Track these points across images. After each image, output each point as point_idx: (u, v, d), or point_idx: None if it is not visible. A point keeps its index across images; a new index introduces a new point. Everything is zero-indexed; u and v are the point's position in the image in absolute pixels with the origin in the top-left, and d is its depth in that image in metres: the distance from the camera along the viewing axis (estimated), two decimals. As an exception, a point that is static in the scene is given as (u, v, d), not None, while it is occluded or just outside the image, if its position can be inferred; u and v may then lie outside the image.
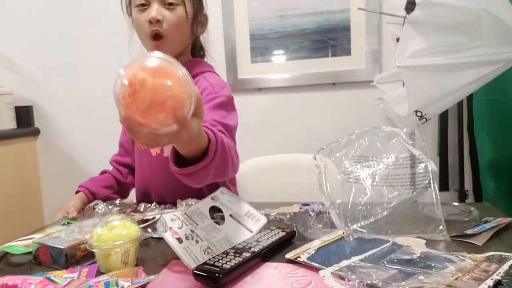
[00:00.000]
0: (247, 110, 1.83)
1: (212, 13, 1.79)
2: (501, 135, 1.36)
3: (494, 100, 1.36)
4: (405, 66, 0.98)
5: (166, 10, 0.92)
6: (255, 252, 0.63)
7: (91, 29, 1.89)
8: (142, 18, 0.93)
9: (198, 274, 0.57)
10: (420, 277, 0.53)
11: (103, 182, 1.11)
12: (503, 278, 0.52)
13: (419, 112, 1.04)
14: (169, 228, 0.66)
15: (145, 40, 0.97)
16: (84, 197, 1.05)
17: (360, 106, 1.71)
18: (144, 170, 1.07)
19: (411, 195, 0.74)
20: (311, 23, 1.72)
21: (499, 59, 0.97)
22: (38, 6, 1.92)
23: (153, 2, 0.92)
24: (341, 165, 0.79)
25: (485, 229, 0.71)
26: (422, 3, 0.95)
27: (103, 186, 1.10)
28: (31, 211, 1.92)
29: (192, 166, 0.63)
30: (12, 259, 0.73)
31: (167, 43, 0.93)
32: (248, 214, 0.78)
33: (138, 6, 0.94)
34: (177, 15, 0.93)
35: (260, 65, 1.78)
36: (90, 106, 1.93)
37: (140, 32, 0.97)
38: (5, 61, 1.96)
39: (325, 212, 0.77)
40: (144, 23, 0.93)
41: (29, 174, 1.94)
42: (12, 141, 1.86)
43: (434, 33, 0.97)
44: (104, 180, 1.12)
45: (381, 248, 0.65)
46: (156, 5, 0.91)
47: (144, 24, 0.93)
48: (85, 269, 0.64)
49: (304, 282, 0.56)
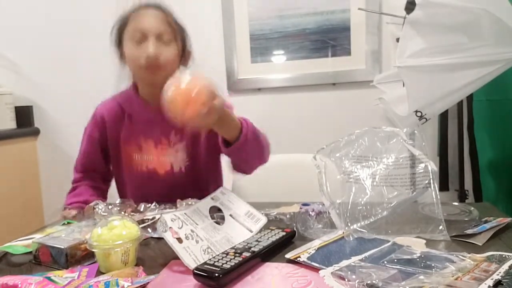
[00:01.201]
0: (247, 110, 1.82)
1: (212, 13, 1.80)
2: (501, 135, 1.36)
3: (494, 100, 1.36)
4: (405, 66, 0.98)
5: (162, 45, 0.98)
6: (255, 252, 0.63)
7: (91, 29, 1.89)
8: (138, 52, 0.97)
9: (198, 274, 0.57)
10: (420, 277, 0.53)
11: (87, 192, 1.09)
12: (503, 278, 0.52)
13: (419, 112, 1.04)
14: (169, 228, 0.66)
15: (138, 71, 1.02)
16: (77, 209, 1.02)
17: (360, 106, 1.71)
18: (148, 189, 1.05)
19: (411, 195, 0.74)
20: (311, 23, 1.72)
21: (499, 59, 0.97)
22: (38, 6, 1.92)
23: (150, 38, 0.97)
24: (341, 165, 0.79)
25: (485, 229, 0.71)
26: (422, 3, 0.95)
27: (90, 194, 1.08)
28: (31, 211, 1.92)
29: (234, 144, 0.88)
30: (12, 259, 0.73)
31: (161, 73, 0.97)
32: (248, 214, 0.78)
33: (134, 40, 0.98)
34: (171, 51, 1.01)
35: (260, 65, 1.78)
36: (90, 106, 1.92)
37: (134, 63, 1.01)
38: (5, 61, 1.96)
39: (325, 212, 0.78)
40: (140, 56, 0.97)
41: (29, 174, 1.94)
42: (12, 141, 1.86)
43: (434, 33, 0.97)
44: (83, 192, 1.09)
45: (381, 248, 0.65)
46: (153, 41, 0.97)
47: (140, 57, 0.97)
48: (85, 269, 0.64)
49: (304, 282, 0.56)
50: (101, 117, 1.11)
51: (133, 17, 1.00)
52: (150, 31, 0.97)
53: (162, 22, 0.99)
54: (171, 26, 1.01)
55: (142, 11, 1.00)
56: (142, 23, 0.98)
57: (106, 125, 1.10)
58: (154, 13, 1.00)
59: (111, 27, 1.06)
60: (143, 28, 0.97)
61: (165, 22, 1.00)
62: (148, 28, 0.97)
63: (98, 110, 1.14)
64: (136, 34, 0.98)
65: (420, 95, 1.02)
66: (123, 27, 1.02)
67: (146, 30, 0.97)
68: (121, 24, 1.02)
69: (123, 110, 1.08)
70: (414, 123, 1.06)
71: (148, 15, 0.99)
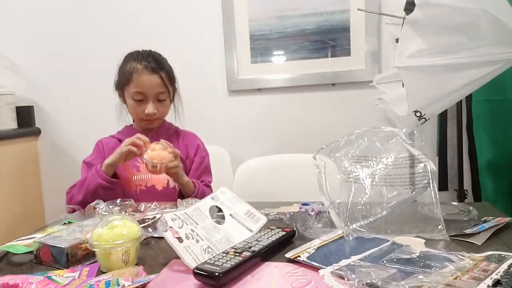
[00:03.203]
0: (247, 110, 1.84)
1: (212, 13, 1.80)
2: (500, 135, 1.36)
3: (493, 100, 1.36)
4: (405, 66, 0.98)
5: (158, 103, 1.19)
6: (255, 251, 0.63)
7: (92, 29, 1.89)
8: (139, 108, 1.18)
9: (199, 273, 0.57)
10: (420, 276, 0.53)
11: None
12: (502, 278, 0.52)
13: (418, 112, 1.04)
14: (169, 227, 0.66)
15: (137, 120, 1.25)
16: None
17: (360, 106, 1.72)
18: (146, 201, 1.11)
19: (411, 195, 0.74)
20: (311, 23, 1.72)
21: (498, 59, 0.97)
22: (39, 6, 1.92)
23: (149, 99, 1.17)
24: (341, 165, 0.79)
25: (484, 229, 0.71)
26: (421, 3, 0.95)
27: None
28: (32, 210, 1.92)
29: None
30: (13, 258, 0.74)
31: (156, 123, 1.24)
32: (248, 213, 0.78)
33: (135, 99, 1.18)
34: (165, 106, 1.23)
35: (260, 65, 1.78)
36: (90, 106, 1.93)
37: (135, 115, 1.23)
38: (6, 61, 1.96)
39: (325, 212, 0.78)
40: (141, 112, 1.18)
41: (30, 174, 1.94)
42: (13, 141, 1.86)
43: (433, 33, 0.97)
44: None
45: (381, 247, 0.66)
46: (152, 102, 1.17)
47: (141, 113, 1.18)
48: (86, 268, 0.64)
49: (304, 281, 0.57)
50: (101, 144, 1.25)
51: (135, 78, 1.16)
52: (150, 95, 1.17)
53: (159, 86, 1.17)
54: (166, 88, 1.19)
55: (144, 76, 1.16)
56: (142, 87, 1.16)
57: (104, 151, 1.22)
58: (153, 79, 1.16)
59: (115, 70, 1.24)
60: (143, 92, 1.16)
61: (162, 86, 1.18)
62: (148, 93, 1.17)
63: (98, 141, 1.27)
64: (137, 96, 1.17)
65: (419, 95, 1.02)
66: (126, 83, 1.18)
67: (146, 94, 1.17)
68: (125, 80, 1.18)
69: (120, 141, 1.16)
70: (413, 123, 1.06)
71: (148, 81, 1.16)
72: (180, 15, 1.83)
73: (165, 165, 1.03)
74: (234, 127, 1.84)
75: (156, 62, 1.18)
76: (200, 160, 1.27)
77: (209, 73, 1.82)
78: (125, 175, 1.18)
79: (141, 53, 1.20)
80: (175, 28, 1.82)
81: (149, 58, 1.18)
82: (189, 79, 1.28)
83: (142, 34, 1.83)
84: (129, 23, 1.85)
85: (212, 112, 1.84)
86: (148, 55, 1.19)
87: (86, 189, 1.07)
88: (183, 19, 1.82)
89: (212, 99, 1.83)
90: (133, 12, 1.85)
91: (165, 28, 1.83)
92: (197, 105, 1.78)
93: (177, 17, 1.82)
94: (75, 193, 1.10)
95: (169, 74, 1.21)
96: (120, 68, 1.22)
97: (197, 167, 1.26)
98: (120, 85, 1.21)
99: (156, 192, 1.18)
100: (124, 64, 1.20)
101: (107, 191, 1.06)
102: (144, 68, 1.16)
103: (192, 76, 1.67)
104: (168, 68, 1.21)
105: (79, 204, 1.04)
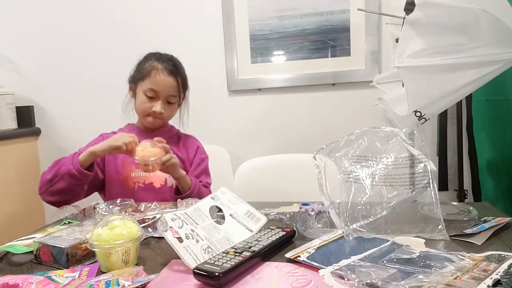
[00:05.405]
0: (247, 110, 1.84)
1: (212, 13, 1.80)
2: (499, 135, 1.36)
3: (493, 100, 1.36)
4: (405, 66, 0.98)
5: (167, 105, 1.22)
6: (255, 251, 0.63)
7: (92, 29, 1.89)
8: (148, 105, 1.20)
9: (199, 273, 0.57)
10: (420, 276, 0.53)
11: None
12: (502, 278, 0.52)
13: (418, 112, 1.04)
14: (169, 227, 0.66)
15: (143, 116, 1.25)
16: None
17: (360, 106, 1.72)
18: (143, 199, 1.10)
19: (411, 195, 0.74)
20: (310, 23, 1.72)
21: (498, 59, 0.97)
22: (39, 6, 1.92)
23: (160, 98, 1.20)
24: (341, 165, 0.79)
25: (484, 229, 0.71)
26: (421, 3, 0.95)
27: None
28: (32, 210, 1.92)
29: (182, 194, 1.13)
30: (13, 258, 0.74)
31: (159, 123, 1.26)
32: (248, 213, 0.79)
33: (147, 95, 1.20)
34: (173, 110, 1.26)
35: (260, 65, 1.78)
36: (90, 106, 1.93)
37: (142, 111, 1.23)
38: (6, 61, 1.96)
39: (325, 212, 0.78)
40: (149, 108, 1.20)
41: (30, 174, 1.94)
42: (13, 141, 1.86)
43: (433, 33, 0.97)
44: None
45: (381, 247, 0.66)
46: (162, 102, 1.21)
47: (148, 109, 1.20)
48: (86, 268, 0.64)
49: (304, 281, 0.57)
50: (101, 138, 1.23)
51: (153, 75, 1.19)
52: (162, 95, 1.20)
53: (173, 90, 1.21)
54: (179, 93, 1.23)
55: (161, 76, 1.20)
56: (157, 86, 1.19)
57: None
58: (169, 81, 1.20)
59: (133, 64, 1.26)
60: (157, 90, 1.19)
61: (175, 89, 1.22)
62: (160, 92, 1.20)
63: (100, 135, 1.27)
64: (150, 92, 1.19)
65: (419, 95, 1.02)
66: (142, 78, 1.21)
67: (159, 93, 1.20)
68: (142, 75, 1.21)
69: None
70: (413, 123, 1.06)
71: (163, 81, 1.20)
72: (180, 15, 1.83)
73: (159, 160, 1.03)
74: (234, 127, 1.84)
75: (175, 66, 1.23)
76: (198, 161, 1.29)
77: (209, 73, 1.82)
78: (123, 172, 1.19)
79: (163, 55, 1.25)
80: (175, 28, 1.82)
81: (170, 61, 1.23)
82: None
83: (142, 34, 1.83)
84: (129, 23, 1.85)
85: (212, 112, 1.84)
86: (170, 59, 1.24)
87: (57, 171, 1.07)
88: (183, 19, 1.82)
89: (212, 99, 1.83)
90: (133, 12, 1.85)
91: (165, 28, 1.83)
92: (197, 105, 1.76)
93: (177, 17, 1.82)
94: (47, 171, 1.10)
95: (184, 81, 1.26)
96: (139, 63, 1.26)
97: (196, 168, 1.27)
98: (135, 79, 1.24)
99: (154, 189, 1.19)
100: (144, 61, 1.24)
101: (76, 180, 1.05)
102: (164, 69, 1.20)
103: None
104: (184, 75, 1.26)
105: (46, 184, 1.07)
